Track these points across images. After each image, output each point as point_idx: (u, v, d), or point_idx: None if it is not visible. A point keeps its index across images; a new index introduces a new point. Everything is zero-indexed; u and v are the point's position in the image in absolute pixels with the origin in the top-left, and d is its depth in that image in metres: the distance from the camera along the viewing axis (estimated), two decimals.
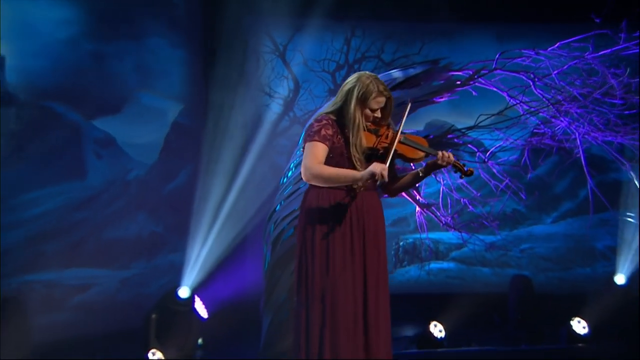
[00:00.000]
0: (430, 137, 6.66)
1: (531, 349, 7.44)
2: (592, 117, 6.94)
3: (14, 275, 7.57)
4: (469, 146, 6.99)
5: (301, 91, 9.08)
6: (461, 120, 7.60)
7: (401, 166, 5.95)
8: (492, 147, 7.10)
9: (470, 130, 6.89)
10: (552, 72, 6.87)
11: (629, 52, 6.77)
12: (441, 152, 3.96)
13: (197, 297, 7.04)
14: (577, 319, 7.40)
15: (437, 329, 7.20)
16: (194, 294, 7.07)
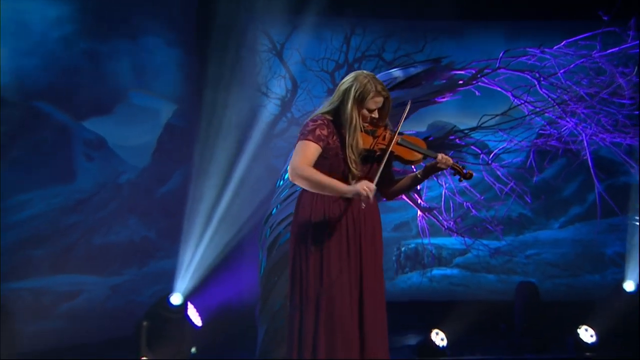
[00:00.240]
0: (431, 138, 6.68)
1: (537, 358, 7.45)
2: (600, 118, 6.95)
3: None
4: (472, 148, 7.01)
5: (299, 91, 9.10)
6: (465, 121, 7.61)
7: (402, 169, 5.97)
8: (496, 149, 7.11)
9: (473, 131, 6.90)
10: (558, 71, 6.89)
11: (638, 51, 6.79)
12: (440, 154, 3.98)
13: (189, 304, 7.04)
14: (584, 327, 7.41)
15: (438, 337, 7.21)
16: (187, 300, 7.07)
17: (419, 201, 6.94)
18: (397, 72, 6.63)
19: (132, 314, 7.40)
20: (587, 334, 7.38)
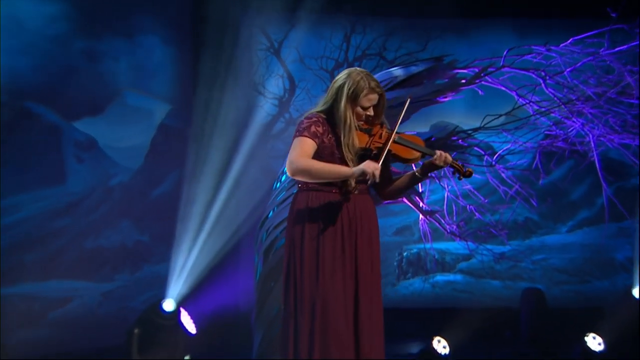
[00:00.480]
0: (433, 139, 6.69)
1: None
2: (608, 118, 6.97)
3: None
4: (476, 149, 7.02)
5: (297, 91, 9.10)
6: (470, 122, 7.61)
7: (403, 170, 5.98)
8: (500, 150, 7.13)
9: (476, 131, 6.92)
10: (564, 69, 6.91)
11: None
12: (438, 152, 3.99)
13: (183, 310, 7.04)
14: (592, 335, 7.41)
15: (440, 345, 7.22)
16: (180, 306, 7.06)
17: (421, 204, 6.95)
18: (397, 71, 6.64)
19: (124, 321, 7.41)
20: (594, 342, 7.38)
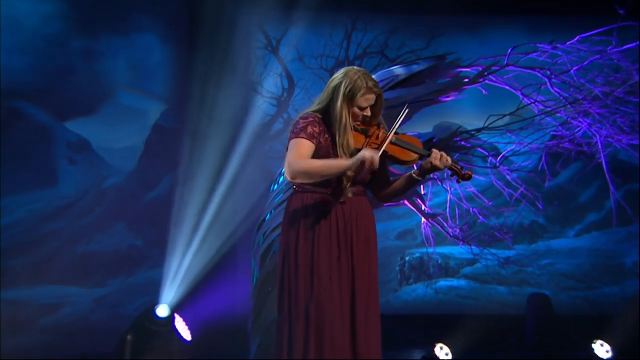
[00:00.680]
0: (435, 140, 6.68)
1: None
2: (616, 118, 6.97)
3: None
4: (479, 150, 7.02)
5: (296, 90, 9.10)
6: (474, 122, 7.60)
7: (404, 171, 5.98)
8: (504, 151, 7.13)
9: (479, 132, 6.91)
10: (570, 68, 6.92)
11: None
12: (437, 153, 3.98)
13: (177, 316, 7.04)
14: (599, 342, 7.41)
15: (443, 352, 7.23)
16: (174, 312, 7.06)
17: (423, 207, 6.95)
18: (398, 70, 6.65)
19: (117, 328, 7.38)
20: (602, 349, 7.39)
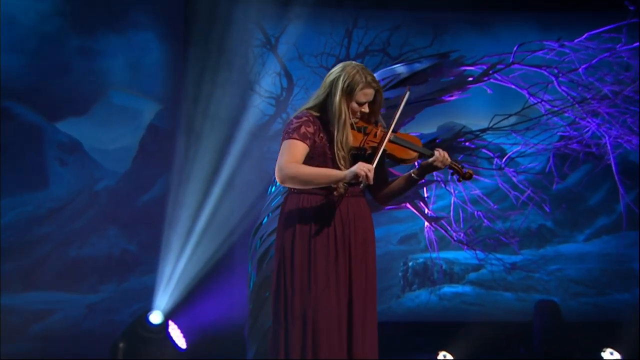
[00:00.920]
0: (438, 140, 6.70)
1: None
2: (626, 118, 6.99)
3: None
4: (484, 151, 7.04)
5: (295, 89, 9.11)
6: (480, 123, 7.60)
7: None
8: (510, 152, 7.15)
9: (484, 132, 6.93)
10: (578, 66, 6.93)
11: None
12: (437, 152, 4.00)
13: (171, 322, 7.04)
14: (609, 350, 7.42)
15: None
16: (168, 319, 7.06)
17: (426, 210, 6.96)
18: (400, 68, 6.66)
19: (110, 335, 7.38)
20: (612, 358, 7.39)
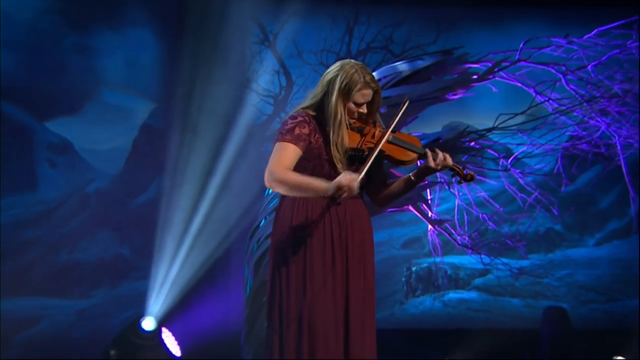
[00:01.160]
0: (440, 140, 6.70)
1: None
2: (637, 118, 6.99)
3: None
4: (489, 151, 7.04)
5: (295, 88, 9.12)
6: (488, 123, 7.60)
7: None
8: (516, 152, 7.15)
9: (489, 132, 6.93)
10: (587, 64, 6.93)
11: None
12: (436, 153, 3.99)
13: (164, 329, 7.05)
14: (620, 358, 7.42)
15: None
16: (162, 325, 7.07)
17: (429, 213, 6.96)
18: (402, 66, 6.67)
19: (101, 343, 7.38)
20: None
